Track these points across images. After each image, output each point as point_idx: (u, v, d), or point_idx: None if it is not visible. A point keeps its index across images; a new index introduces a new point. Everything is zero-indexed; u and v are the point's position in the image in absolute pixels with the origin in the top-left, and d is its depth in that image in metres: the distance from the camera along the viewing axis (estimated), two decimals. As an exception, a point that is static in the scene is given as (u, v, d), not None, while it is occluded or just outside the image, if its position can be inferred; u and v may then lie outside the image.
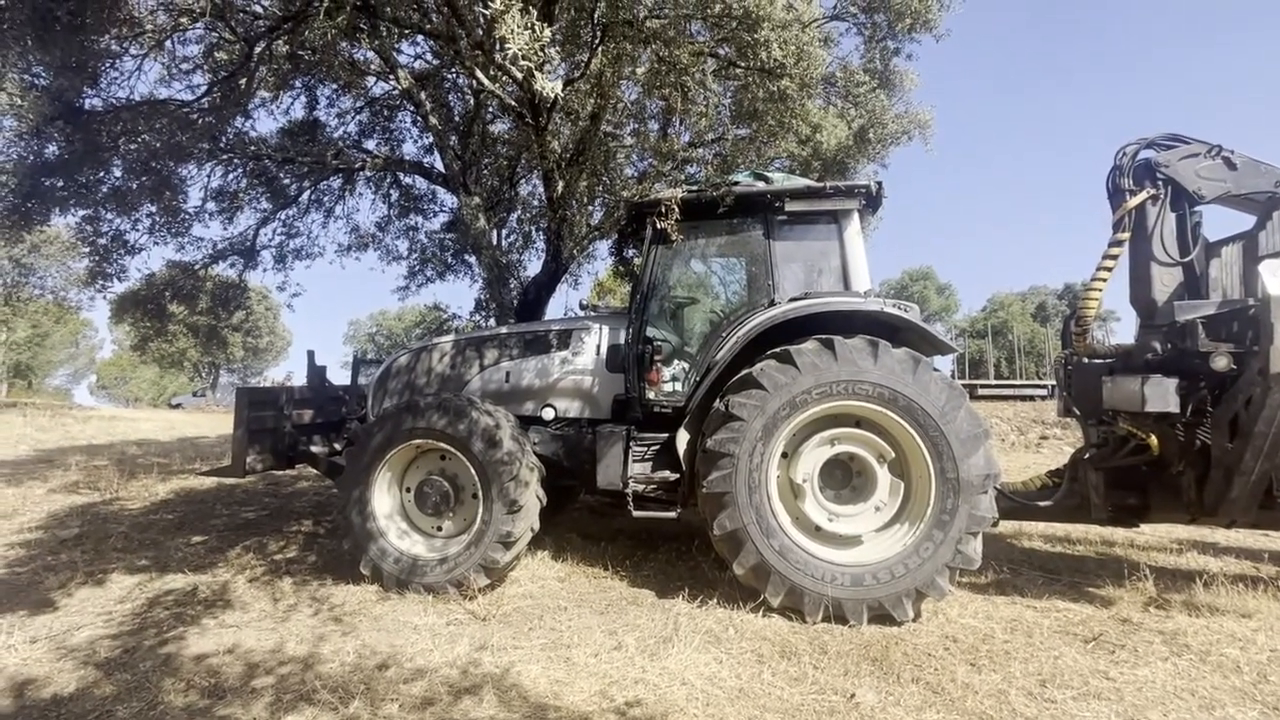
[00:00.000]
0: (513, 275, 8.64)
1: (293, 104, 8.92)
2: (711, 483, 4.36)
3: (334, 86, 8.86)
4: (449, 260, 10.64)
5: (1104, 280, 5.09)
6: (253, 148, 8.60)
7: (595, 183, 5.76)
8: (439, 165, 8.79)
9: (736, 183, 5.03)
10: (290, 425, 5.65)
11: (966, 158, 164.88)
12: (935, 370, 4.33)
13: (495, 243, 8.51)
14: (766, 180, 5.01)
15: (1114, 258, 5.07)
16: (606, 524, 6.83)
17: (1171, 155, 4.95)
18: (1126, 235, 5.03)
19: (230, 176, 9.07)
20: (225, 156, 8.43)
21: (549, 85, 3.46)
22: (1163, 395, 4.35)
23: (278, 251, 9.91)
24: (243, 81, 5.95)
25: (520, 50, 3.39)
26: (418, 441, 4.71)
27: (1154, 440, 4.55)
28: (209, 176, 8.75)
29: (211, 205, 9.06)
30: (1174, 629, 4.08)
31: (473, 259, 9.59)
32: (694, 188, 5.10)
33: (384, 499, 4.78)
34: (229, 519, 6.93)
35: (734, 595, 4.43)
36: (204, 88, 6.51)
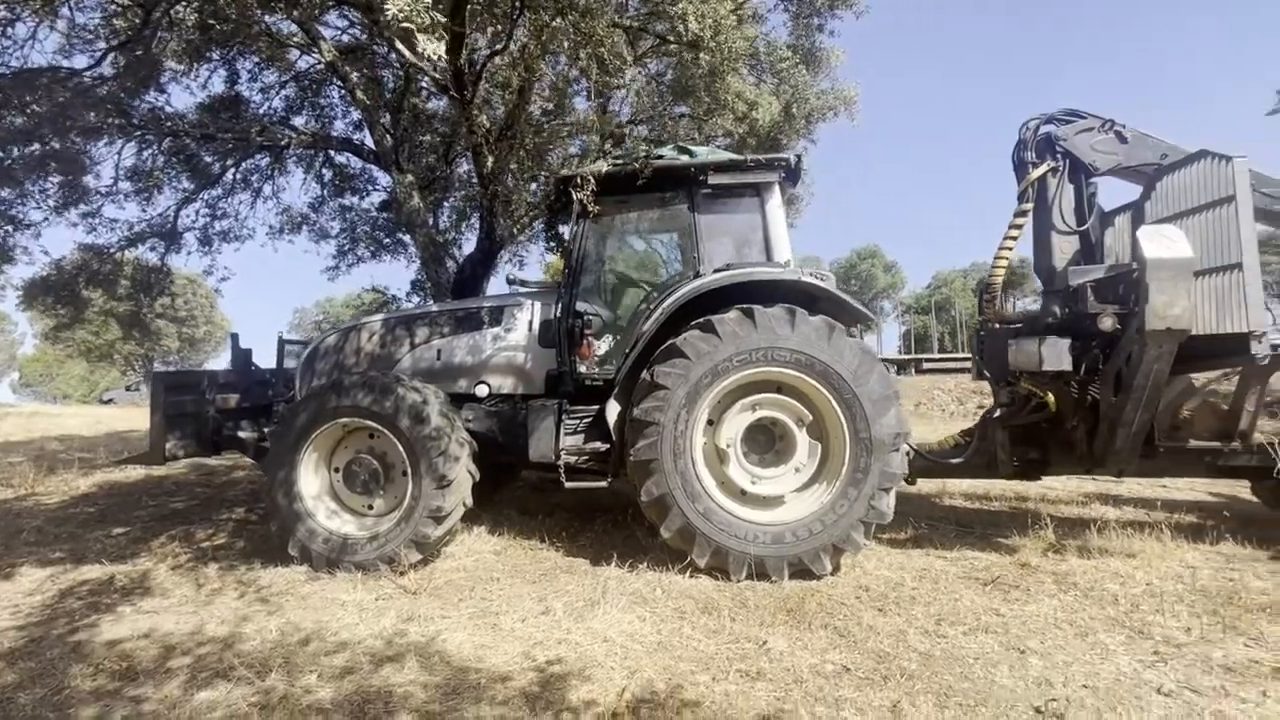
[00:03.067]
0: (449, 254, 8.50)
1: (210, 78, 8.50)
2: (638, 450, 4.46)
3: (255, 60, 8.48)
4: (383, 240, 10.37)
5: (1010, 249, 5.38)
6: (169, 123, 8.16)
7: (527, 159, 5.71)
8: (370, 142, 8.54)
9: (660, 156, 5.08)
10: (214, 410, 5.50)
11: (914, 137, 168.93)
12: (850, 336, 4.52)
13: (432, 222, 8.35)
14: (690, 154, 5.07)
15: (1019, 228, 5.36)
16: (545, 499, 6.90)
17: (1069, 129, 5.24)
18: (1030, 206, 5.32)
19: (146, 154, 8.60)
20: (138, 133, 7.98)
21: (430, 47, 3.41)
22: (1057, 355, 4.66)
23: (202, 234, 9.48)
24: (142, 50, 5.62)
25: (400, 11, 3.33)
26: (344, 421, 4.66)
27: (1051, 398, 4.87)
28: (120, 153, 8.27)
29: (126, 185, 8.59)
30: (1066, 570, 4.42)
31: (409, 238, 9.37)
32: (618, 161, 5.13)
33: (311, 480, 4.71)
34: (155, 510, 6.71)
35: (664, 559, 4.56)
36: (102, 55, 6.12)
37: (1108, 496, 7.07)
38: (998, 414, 5.29)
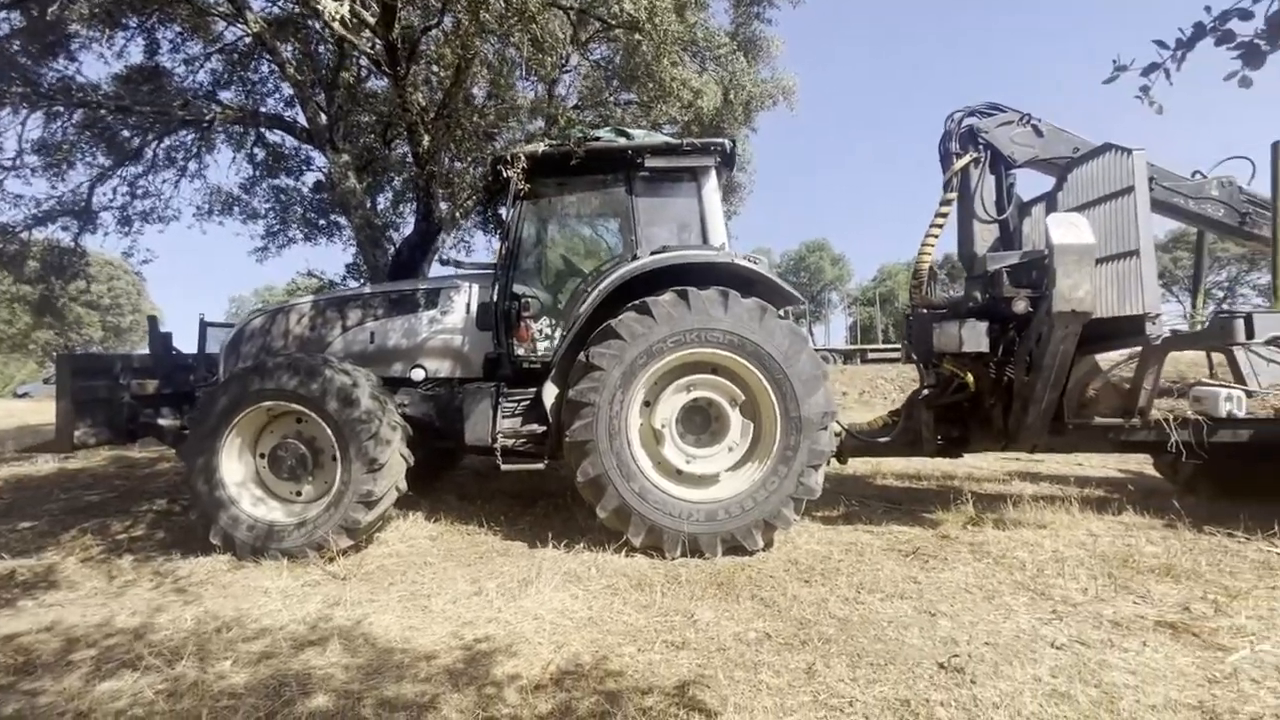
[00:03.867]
0: (387, 237, 8.26)
1: (126, 46, 7.97)
2: (574, 431, 4.47)
3: (177, 29, 8.01)
4: (318, 222, 9.96)
5: (935, 237, 5.60)
6: (81, 94, 7.63)
7: (466, 139, 5.59)
8: (302, 120, 8.18)
9: (597, 138, 5.07)
10: (129, 396, 5.23)
11: (864, 130, 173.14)
12: (781, 318, 4.63)
13: (370, 204, 8.08)
14: (627, 136, 5.08)
15: (944, 216, 5.58)
16: (485, 485, 6.84)
17: (990, 122, 5.48)
18: (954, 195, 5.55)
19: (55, 126, 8.03)
20: (44, 103, 7.43)
21: (331, 7, 3.32)
22: (976, 337, 4.89)
23: (121, 213, 8.92)
24: (37, 10, 5.23)
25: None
26: (268, 404, 4.50)
27: (970, 377, 5.11)
28: (24, 124, 7.68)
29: (33, 158, 8.00)
30: (981, 540, 4.67)
31: (345, 220, 9.03)
32: (555, 143, 5.09)
33: (234, 466, 4.54)
34: (68, 503, 6.34)
35: (601, 539, 4.59)
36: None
37: (1028, 474, 7.47)
38: (923, 395, 5.53)
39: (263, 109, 8.75)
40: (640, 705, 2.54)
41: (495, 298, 5.05)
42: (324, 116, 7.70)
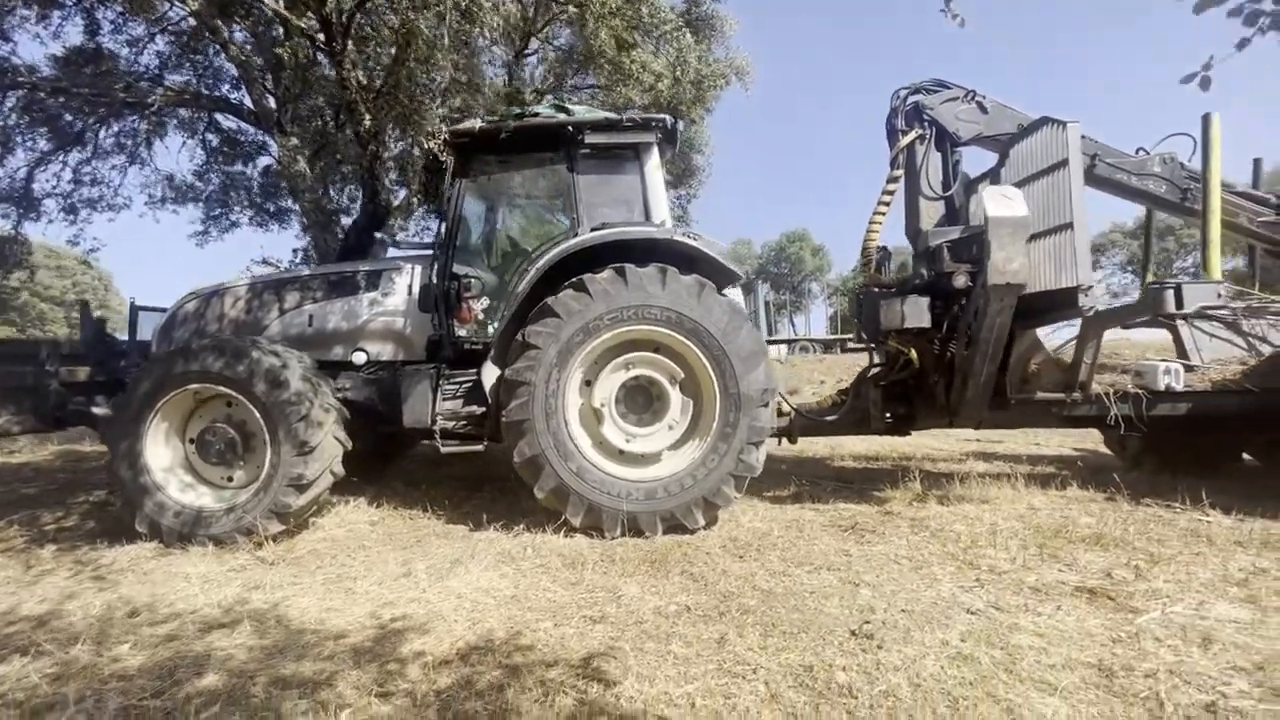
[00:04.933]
0: (337, 222, 8.08)
1: (63, 26, 7.71)
2: (510, 411, 4.41)
3: (117, 9, 7.76)
4: (268, 206, 9.73)
5: (883, 215, 5.57)
6: (15, 75, 7.37)
7: (409, 119, 5.47)
8: (249, 103, 7.97)
9: (536, 114, 4.98)
10: (58, 383, 5.08)
11: (848, 119, 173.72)
12: (721, 295, 4.58)
13: (324, 189, 7.90)
14: (568, 112, 4.99)
15: (890, 194, 5.56)
16: (434, 471, 6.76)
17: (936, 99, 5.46)
18: (900, 173, 5.52)
19: (-10, 109, 7.74)
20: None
21: None
22: (918, 312, 4.88)
23: (66, 201, 8.65)
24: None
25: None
26: (194, 387, 4.38)
27: (914, 354, 5.11)
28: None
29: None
30: (924, 515, 4.67)
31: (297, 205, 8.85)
32: (494, 119, 4.99)
33: (160, 451, 4.42)
34: (2, 495, 6.16)
35: (543, 520, 4.53)
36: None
37: (984, 454, 7.54)
38: (871, 374, 5.52)
39: (217, 93, 8.51)
40: (542, 677, 2.49)
41: (434, 278, 4.95)
42: (271, 99, 7.52)
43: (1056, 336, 5.98)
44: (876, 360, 5.58)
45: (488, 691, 2.41)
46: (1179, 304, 4.21)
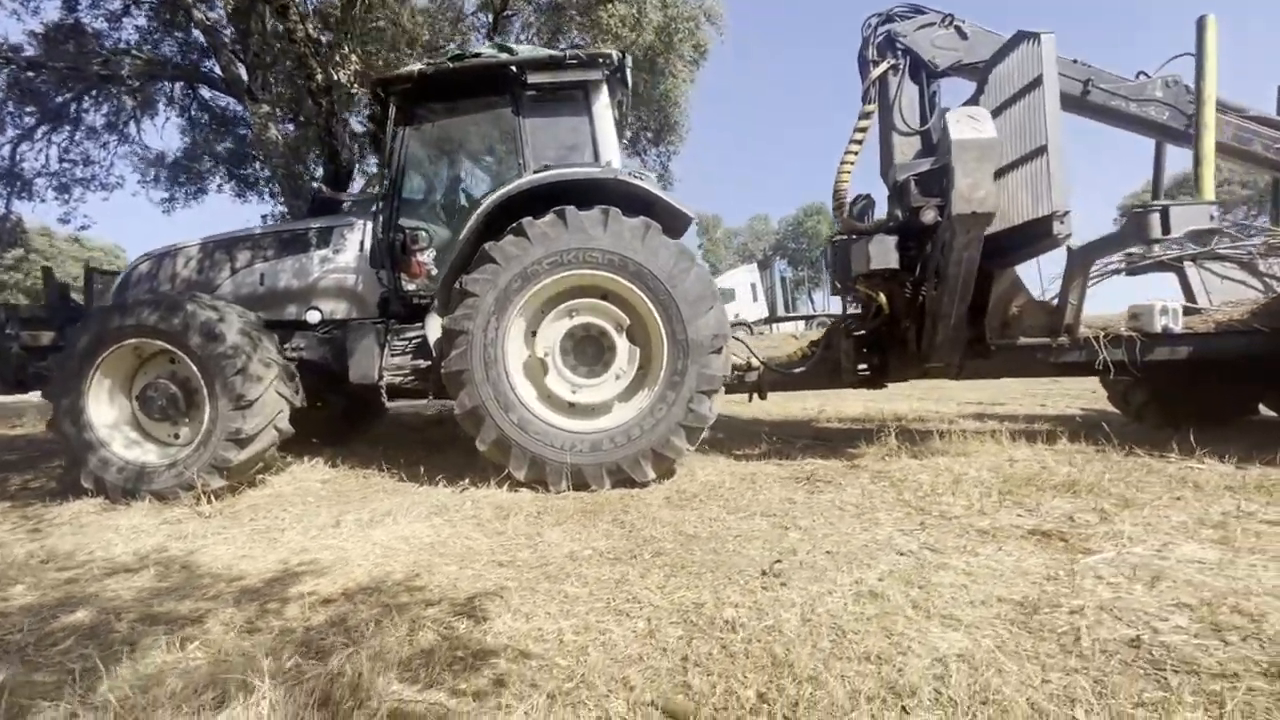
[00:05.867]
0: (310, 186, 8.00)
1: (39, 3, 7.73)
2: (449, 361, 4.26)
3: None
4: (243, 173, 9.67)
5: (854, 155, 5.20)
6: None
7: (359, 72, 5.31)
8: (219, 70, 7.90)
9: (478, 55, 4.76)
10: (18, 346, 5.11)
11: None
12: (665, 236, 4.34)
13: (295, 156, 7.81)
14: (510, 52, 4.77)
15: (863, 131, 5.19)
16: (406, 434, 6.69)
17: (909, 25, 5.06)
18: (873, 108, 5.15)
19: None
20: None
21: None
22: (884, 253, 4.56)
23: (57, 180, 8.76)
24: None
25: None
26: (132, 342, 4.33)
27: (883, 298, 4.79)
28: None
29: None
30: (890, 468, 4.39)
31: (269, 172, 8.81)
32: (433, 62, 4.79)
33: (104, 408, 4.40)
34: (-13, 463, 6.29)
35: (493, 476, 4.37)
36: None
37: (982, 414, 7.16)
38: (845, 324, 5.23)
39: (188, 63, 8.48)
40: (417, 615, 2.34)
41: (379, 232, 4.82)
42: (239, 65, 7.44)
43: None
44: (850, 310, 5.29)
45: (356, 628, 2.27)
46: (1165, 228, 3.81)
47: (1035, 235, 4.18)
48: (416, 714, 1.70)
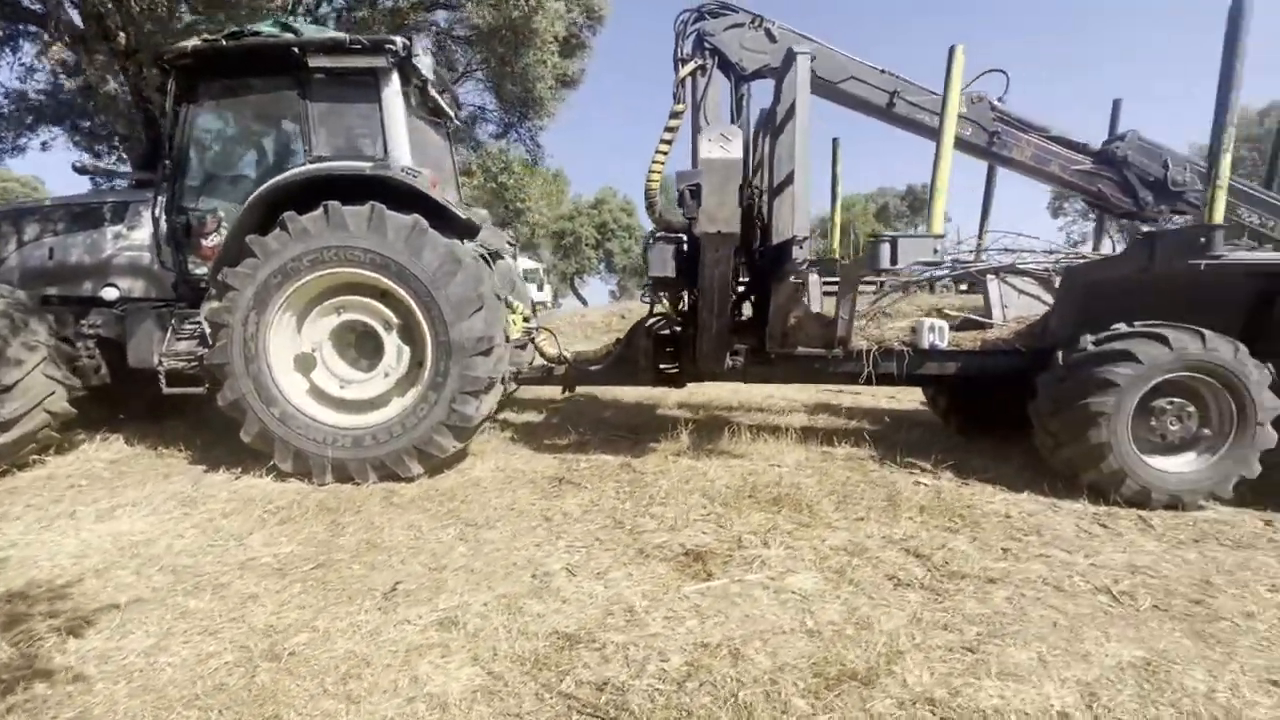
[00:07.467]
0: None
1: None
2: (211, 354, 4.29)
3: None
4: (90, 126, 9.17)
5: (664, 155, 5.17)
6: None
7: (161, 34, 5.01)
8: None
9: (257, 33, 4.59)
10: None
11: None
12: (436, 237, 4.34)
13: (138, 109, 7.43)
14: (294, 31, 4.60)
15: (673, 130, 5.15)
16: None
17: (718, 24, 5.00)
18: (682, 107, 5.12)
19: None
20: None
21: None
22: (662, 261, 4.63)
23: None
24: None
25: None
26: (-119, 321, 4.24)
27: (666, 304, 4.90)
28: None
29: None
30: (645, 471, 4.52)
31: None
32: (210, 38, 4.61)
33: None
34: None
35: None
36: None
37: (822, 405, 7.39)
38: (650, 323, 5.33)
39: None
40: (29, 629, 2.46)
41: (159, 212, 4.72)
42: (72, 10, 6.96)
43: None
44: (652, 310, 5.39)
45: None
46: (893, 259, 3.95)
47: (788, 255, 4.29)
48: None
